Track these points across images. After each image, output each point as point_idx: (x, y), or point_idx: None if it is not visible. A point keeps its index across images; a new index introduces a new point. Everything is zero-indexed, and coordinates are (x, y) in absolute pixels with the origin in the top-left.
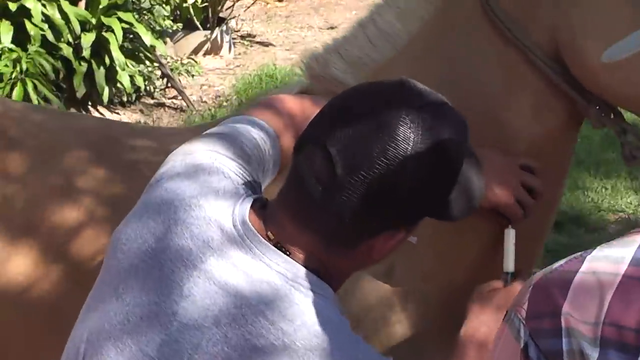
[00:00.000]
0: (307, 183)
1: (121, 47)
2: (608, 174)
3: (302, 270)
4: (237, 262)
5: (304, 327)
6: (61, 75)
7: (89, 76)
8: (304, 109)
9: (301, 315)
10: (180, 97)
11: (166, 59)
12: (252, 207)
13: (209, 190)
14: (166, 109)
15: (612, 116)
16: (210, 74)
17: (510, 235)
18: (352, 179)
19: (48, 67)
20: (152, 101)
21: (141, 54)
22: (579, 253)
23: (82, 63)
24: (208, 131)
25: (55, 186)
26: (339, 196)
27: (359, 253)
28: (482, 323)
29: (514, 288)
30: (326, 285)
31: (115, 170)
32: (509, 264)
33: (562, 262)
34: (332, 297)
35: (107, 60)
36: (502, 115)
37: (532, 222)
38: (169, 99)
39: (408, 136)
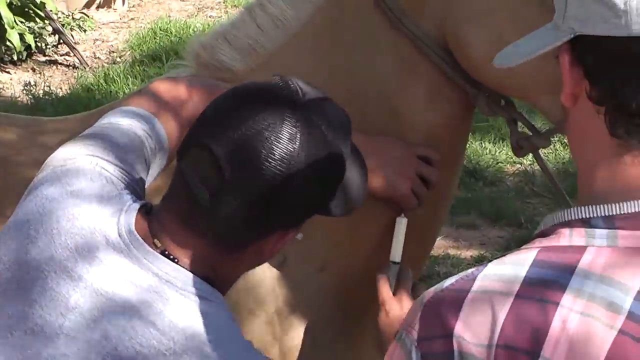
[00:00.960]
0: (193, 188)
1: (9, 5)
2: (501, 126)
3: (191, 278)
4: (124, 272)
5: (196, 336)
6: None
7: None
8: (191, 91)
9: (193, 324)
10: (72, 54)
11: (57, 14)
12: (138, 213)
13: (92, 198)
14: (58, 66)
15: (502, 104)
16: (104, 28)
17: (401, 224)
18: (240, 182)
19: None
20: (44, 59)
21: (31, 11)
22: (470, 270)
23: None
24: (88, 131)
25: None
26: (227, 201)
27: (249, 255)
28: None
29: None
30: (216, 291)
31: None
32: (397, 254)
33: (452, 279)
34: (223, 303)
35: None
36: (398, 105)
37: (426, 212)
38: (61, 55)
39: (294, 135)
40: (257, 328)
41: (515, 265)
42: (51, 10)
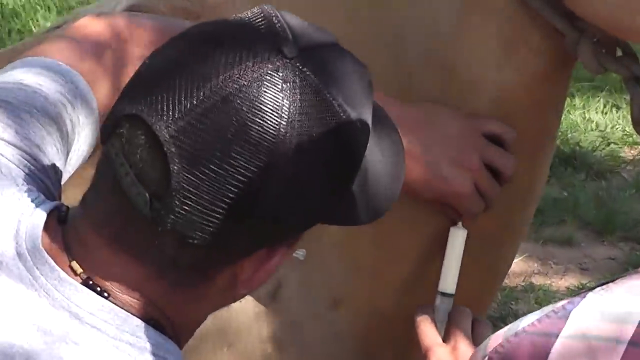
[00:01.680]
0: (126, 188)
1: None
2: (614, 88)
3: (132, 322)
4: (24, 310)
5: None
6: None
7: None
8: (135, 33)
9: None
10: None
11: None
12: (47, 221)
13: None
14: None
15: (619, 54)
16: None
17: (458, 237)
18: (195, 178)
19: None
20: None
21: None
22: (560, 304)
23: None
24: None
25: None
26: (178, 206)
27: (217, 287)
28: None
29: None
30: (169, 341)
31: None
32: (449, 281)
33: (533, 317)
34: (179, 357)
35: None
36: (454, 58)
37: (495, 220)
38: None
39: (280, 104)
40: None
41: (631, 296)
42: None
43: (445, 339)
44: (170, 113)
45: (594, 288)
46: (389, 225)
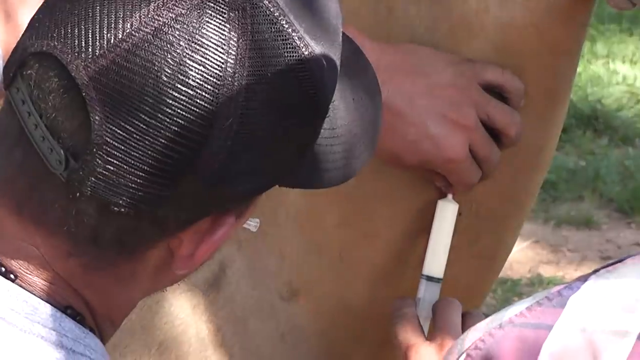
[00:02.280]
0: (36, 143)
1: None
2: None
3: (44, 311)
4: None
5: None
6: None
7: None
8: None
9: None
10: None
11: None
12: None
13: None
14: None
15: None
16: None
17: (447, 212)
18: (121, 130)
19: None
20: None
21: None
22: (555, 289)
23: None
24: None
25: None
26: (100, 166)
27: (149, 267)
28: None
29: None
30: (89, 334)
31: None
32: (435, 263)
33: (522, 305)
34: (103, 354)
35: None
36: None
37: (494, 193)
38: None
39: (226, 37)
40: None
41: (637, 278)
42: None
43: (429, 337)
44: (90, 49)
45: (598, 270)
46: (361, 198)
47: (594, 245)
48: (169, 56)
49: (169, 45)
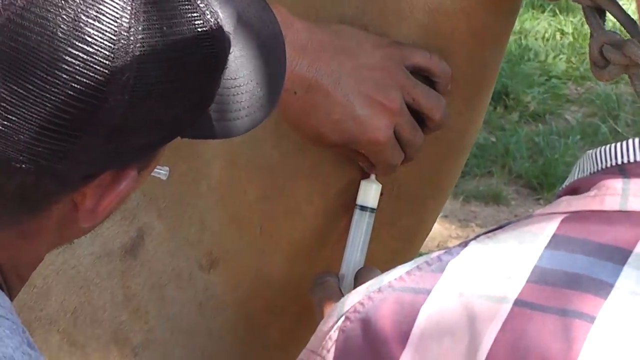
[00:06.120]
0: None
1: None
2: (559, 8)
3: None
4: None
5: None
6: None
7: None
8: None
9: None
10: None
11: None
12: None
13: None
14: None
15: None
16: None
17: (369, 192)
18: (19, 87)
19: None
20: None
21: None
22: (435, 254)
23: None
24: None
25: None
26: None
27: (53, 221)
28: None
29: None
30: None
31: None
32: (358, 248)
33: (401, 270)
34: (10, 310)
35: None
36: None
37: (416, 174)
38: None
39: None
40: None
41: (520, 245)
42: None
43: None
44: None
45: (478, 236)
46: (283, 173)
47: (502, 220)
48: (64, 12)
49: (63, 2)
